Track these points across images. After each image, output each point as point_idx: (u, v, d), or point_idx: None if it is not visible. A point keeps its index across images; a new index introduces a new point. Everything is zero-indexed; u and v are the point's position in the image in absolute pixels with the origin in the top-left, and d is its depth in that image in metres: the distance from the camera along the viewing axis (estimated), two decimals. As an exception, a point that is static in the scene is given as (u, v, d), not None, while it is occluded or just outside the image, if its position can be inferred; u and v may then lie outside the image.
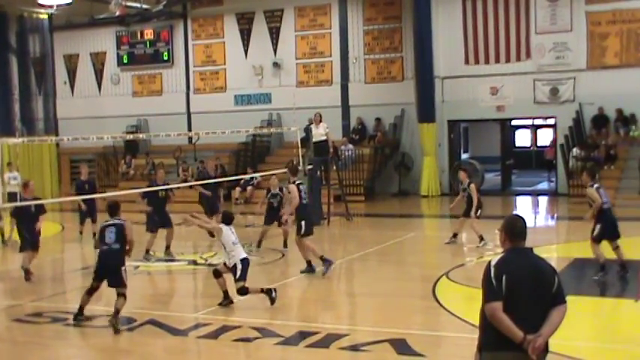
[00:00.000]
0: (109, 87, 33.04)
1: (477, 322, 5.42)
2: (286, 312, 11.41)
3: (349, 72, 28.57)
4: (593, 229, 12.44)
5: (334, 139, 22.39)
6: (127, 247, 10.34)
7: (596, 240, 12.47)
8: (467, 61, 26.82)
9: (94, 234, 17.52)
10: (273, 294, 11.01)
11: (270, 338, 9.45)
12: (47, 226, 20.84)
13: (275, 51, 29.74)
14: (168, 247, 15.77)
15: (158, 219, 15.72)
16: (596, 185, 12.57)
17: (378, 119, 27.82)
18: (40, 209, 14.06)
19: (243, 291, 10.85)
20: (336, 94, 28.59)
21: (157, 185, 16.12)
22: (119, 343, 9.82)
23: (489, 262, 5.29)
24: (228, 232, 10.97)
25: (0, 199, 14.62)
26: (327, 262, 13.33)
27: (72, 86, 33.76)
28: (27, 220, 13.85)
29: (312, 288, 13.22)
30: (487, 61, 26.59)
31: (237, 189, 26.35)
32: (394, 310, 11.00)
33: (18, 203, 14.37)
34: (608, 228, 12.45)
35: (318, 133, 21.08)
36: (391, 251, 16.42)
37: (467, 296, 11.15)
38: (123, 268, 10.24)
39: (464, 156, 30.86)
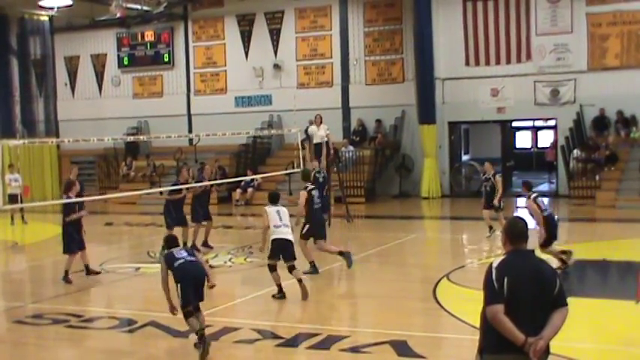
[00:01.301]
0: (109, 89, 33.04)
1: (477, 324, 5.42)
2: (287, 314, 11.41)
3: (350, 73, 28.57)
4: (541, 237, 13.00)
5: (334, 140, 22.40)
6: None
7: (545, 245, 12.96)
8: (467, 63, 26.83)
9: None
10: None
11: (270, 340, 9.45)
12: (48, 228, 20.93)
13: (275, 52, 29.75)
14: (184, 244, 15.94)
15: (176, 217, 15.89)
16: (533, 195, 13.44)
17: (378, 121, 27.82)
18: (82, 207, 14.10)
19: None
20: (337, 95, 28.59)
21: (180, 184, 16.34)
22: (120, 344, 9.82)
23: (490, 264, 5.29)
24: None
25: (0, 201, 14.60)
26: (346, 256, 13.70)
27: (73, 88, 33.75)
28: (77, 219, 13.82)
29: (313, 290, 13.20)
30: (488, 63, 26.59)
31: (238, 190, 26.34)
32: (395, 312, 11.00)
33: (62, 201, 14.38)
34: (552, 232, 13.22)
35: (319, 134, 21.10)
36: (392, 253, 16.42)
37: (468, 298, 11.13)
38: None
39: (464, 157, 30.84)
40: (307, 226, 13.51)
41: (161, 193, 21.72)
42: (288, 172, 23.57)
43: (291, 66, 29.54)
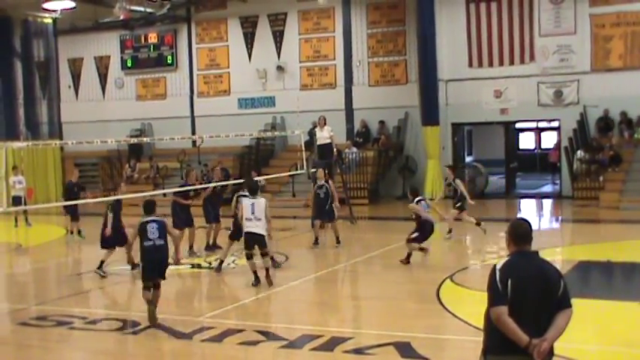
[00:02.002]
0: (113, 91, 33.07)
1: (481, 326, 5.42)
2: (291, 315, 11.41)
3: (353, 75, 28.56)
4: (412, 233, 14.60)
5: (338, 142, 22.39)
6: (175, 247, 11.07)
7: (412, 241, 14.57)
8: (470, 64, 26.83)
9: (72, 232, 19.31)
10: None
11: (274, 342, 9.45)
12: (52, 230, 20.96)
13: (279, 54, 29.76)
14: (191, 247, 16.22)
15: (183, 218, 16.08)
16: (418, 198, 14.74)
17: (381, 122, 27.81)
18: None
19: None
20: (340, 97, 28.59)
21: (189, 186, 16.66)
22: (124, 346, 9.84)
23: (494, 265, 5.28)
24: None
25: (5, 203, 14.63)
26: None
27: (76, 90, 33.80)
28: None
29: (316, 291, 13.23)
30: (491, 64, 26.58)
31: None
32: (399, 314, 10.99)
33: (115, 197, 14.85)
34: (425, 234, 14.64)
35: (323, 136, 21.13)
36: (395, 254, 16.36)
37: (471, 299, 11.14)
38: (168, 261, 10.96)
39: (468, 159, 30.83)
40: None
41: (164, 195, 21.73)
42: (291, 173, 23.57)
43: (295, 68, 29.55)
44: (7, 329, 10.92)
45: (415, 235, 14.57)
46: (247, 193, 13.52)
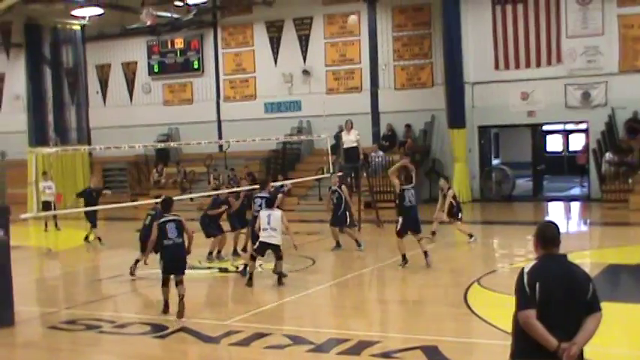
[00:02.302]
0: (140, 96, 33.31)
1: (509, 329, 5.39)
2: (318, 319, 11.42)
3: (379, 78, 28.53)
4: (397, 224, 14.86)
5: (364, 145, 22.38)
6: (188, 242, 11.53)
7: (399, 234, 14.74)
8: (497, 67, 26.69)
9: (87, 238, 19.64)
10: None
11: (301, 345, 9.45)
12: (81, 235, 21.14)
13: (304, 58, 29.81)
14: (219, 252, 16.38)
15: (214, 228, 16.37)
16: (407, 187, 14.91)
17: (408, 125, 27.75)
18: None
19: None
20: (366, 100, 28.57)
21: (220, 201, 16.67)
22: (152, 350, 9.90)
23: (522, 268, 5.25)
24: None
25: (35, 208, 14.80)
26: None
27: (104, 96, 34.09)
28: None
29: (344, 295, 13.23)
30: (517, 66, 26.43)
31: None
32: (426, 317, 10.96)
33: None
34: (409, 223, 14.74)
35: (349, 139, 21.13)
36: (422, 258, 16.34)
37: (499, 303, 11.07)
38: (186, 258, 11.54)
39: (494, 162, 30.67)
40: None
41: (192, 199, 21.94)
42: (317, 177, 23.58)
43: (320, 71, 29.58)
44: (38, 333, 11.03)
45: (399, 225, 14.84)
46: (264, 194, 14.39)
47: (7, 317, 10.94)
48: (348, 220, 17.20)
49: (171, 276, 11.24)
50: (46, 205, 21.80)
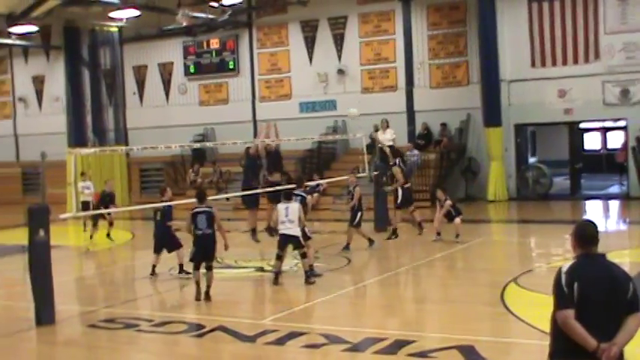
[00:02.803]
0: (176, 96, 33.58)
1: (547, 329, 5.35)
2: (354, 318, 11.43)
3: (414, 77, 28.45)
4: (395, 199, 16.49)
5: (399, 144, 22.33)
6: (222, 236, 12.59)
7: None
8: (533, 64, 26.45)
9: (108, 234, 20.52)
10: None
11: (337, 344, 9.46)
12: (119, 234, 21.39)
13: (339, 57, 29.82)
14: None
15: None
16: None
17: (443, 124, 27.63)
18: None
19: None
20: (401, 99, 28.50)
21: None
22: (189, 349, 9.98)
23: (560, 268, 5.21)
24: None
25: (74, 208, 14.99)
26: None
27: (141, 97, 34.43)
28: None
29: (380, 294, 13.22)
30: (554, 64, 26.17)
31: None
32: (462, 317, 10.91)
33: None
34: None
35: (385, 138, 21.10)
36: (458, 257, 16.30)
37: (536, 302, 10.98)
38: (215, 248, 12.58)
39: (531, 160, 30.39)
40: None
41: (227, 199, 22.06)
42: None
43: (355, 71, 29.57)
44: (77, 331, 11.18)
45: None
46: (301, 193, 14.71)
47: (48, 316, 11.11)
48: (357, 220, 16.99)
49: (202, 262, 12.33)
50: (85, 206, 22.06)
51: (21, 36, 32.22)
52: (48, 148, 12.23)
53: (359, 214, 16.74)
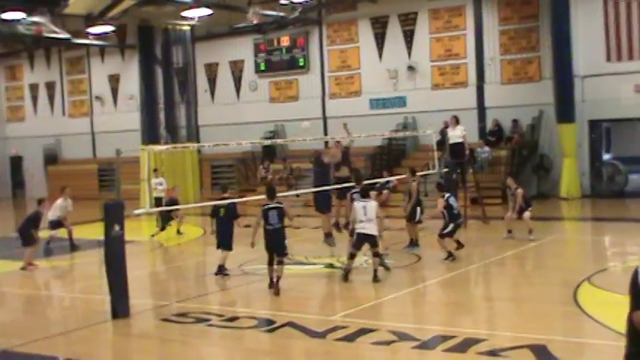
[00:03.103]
0: (247, 94, 33.92)
1: (622, 330, 5.24)
2: (424, 316, 11.40)
3: (485, 73, 28.13)
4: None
5: (470, 141, 22.13)
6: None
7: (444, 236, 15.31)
8: (608, 58, 25.87)
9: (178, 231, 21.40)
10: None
11: (407, 342, 9.45)
12: (191, 230, 21.75)
13: (409, 54, 29.69)
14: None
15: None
16: (447, 195, 15.57)
17: (514, 120, 27.26)
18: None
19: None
20: (472, 95, 28.23)
21: None
22: (259, 344, 10.09)
23: (637, 267, 5.08)
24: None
25: (148, 204, 15.30)
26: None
27: (212, 94, 34.89)
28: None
29: (450, 292, 13.14)
30: (631, 58, 25.54)
31: (373, 192, 26.35)
32: (533, 315, 10.76)
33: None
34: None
35: (455, 135, 20.93)
36: (530, 255, 16.08)
37: (611, 302, 10.76)
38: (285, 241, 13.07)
39: (606, 156, 29.74)
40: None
41: (298, 195, 22.21)
42: (423, 173, 23.41)
43: (426, 67, 29.39)
44: (151, 324, 11.43)
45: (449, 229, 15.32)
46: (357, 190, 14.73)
47: (124, 309, 11.40)
48: (418, 215, 16.89)
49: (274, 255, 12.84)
50: (158, 202, 22.49)
51: (98, 36, 33.03)
52: (123, 145, 12.53)
53: (417, 209, 16.69)
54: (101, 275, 12.31)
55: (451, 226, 15.41)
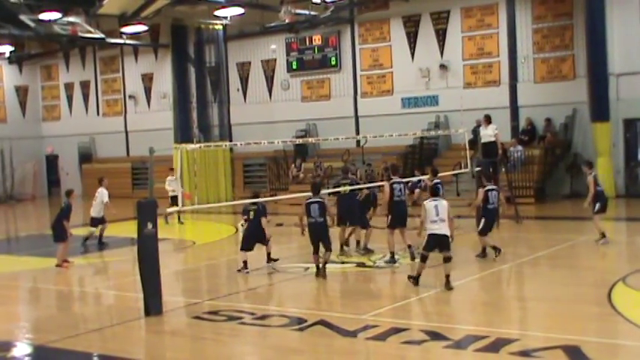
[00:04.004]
0: (279, 93, 34.01)
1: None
2: (455, 315, 11.35)
3: (518, 72, 27.92)
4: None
5: (503, 140, 22.00)
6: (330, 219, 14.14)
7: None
8: (645, 57, 25.55)
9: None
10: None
11: (438, 341, 9.43)
12: (222, 228, 21.85)
13: (442, 52, 29.57)
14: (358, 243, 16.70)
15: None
16: (487, 187, 15.29)
17: (548, 119, 27.04)
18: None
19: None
20: (505, 94, 28.03)
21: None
22: (291, 342, 10.12)
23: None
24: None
25: (180, 203, 15.38)
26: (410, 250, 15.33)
27: (244, 93, 35.03)
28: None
29: (482, 292, 13.08)
30: (667, 56, 25.20)
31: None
32: (567, 316, 10.67)
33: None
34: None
35: (487, 134, 20.83)
36: (563, 255, 15.94)
37: (646, 303, 10.66)
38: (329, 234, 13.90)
39: (642, 156, 29.36)
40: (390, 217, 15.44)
41: (329, 194, 22.17)
42: (455, 172, 23.35)
43: (458, 66, 29.26)
44: (183, 322, 11.51)
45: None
46: (399, 179, 15.73)
47: (156, 306, 11.50)
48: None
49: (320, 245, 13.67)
50: (173, 201, 22.62)
51: (131, 36, 33.33)
52: (156, 144, 12.61)
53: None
54: (134, 273, 12.42)
55: (483, 221, 15.18)
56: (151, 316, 11.38)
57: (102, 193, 20.13)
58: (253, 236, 15.11)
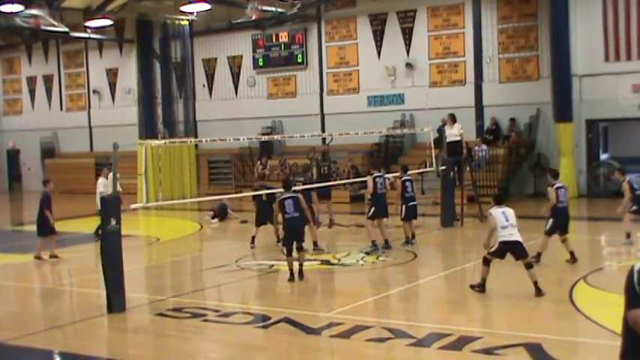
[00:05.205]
0: (245, 89, 33.89)
1: (617, 329, 5.25)
2: (419, 313, 11.40)
3: (483, 71, 28.11)
4: (547, 224, 14.41)
5: (468, 139, 22.14)
6: (305, 215, 13.76)
7: (548, 233, 14.35)
8: (607, 58, 25.87)
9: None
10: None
11: (402, 339, 9.46)
12: (187, 225, 21.72)
13: (408, 51, 29.68)
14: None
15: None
16: (557, 185, 14.65)
17: (512, 119, 27.27)
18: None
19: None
20: (470, 94, 28.21)
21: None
22: (254, 339, 10.09)
23: (632, 267, 5.08)
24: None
25: (144, 199, 15.25)
26: (387, 245, 16.05)
27: (210, 89, 34.87)
28: None
29: (445, 289, 13.15)
30: (629, 58, 25.55)
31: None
32: (529, 314, 10.78)
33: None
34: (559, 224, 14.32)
35: (452, 133, 20.92)
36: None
37: (606, 301, 10.78)
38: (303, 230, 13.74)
39: (603, 156, 29.76)
40: (373, 208, 16.06)
41: (295, 192, 22.13)
42: (420, 171, 23.46)
43: (424, 65, 29.39)
44: (147, 319, 11.42)
45: (549, 225, 14.38)
46: (381, 174, 16.24)
47: (120, 303, 11.40)
48: (403, 213, 17.07)
49: (294, 244, 13.23)
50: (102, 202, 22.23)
51: (96, 30, 32.96)
52: (120, 140, 12.48)
53: (403, 207, 16.93)
54: (98, 269, 12.30)
55: (551, 221, 14.52)
56: (113, 313, 11.28)
57: (103, 183, 19.47)
58: (264, 214, 16.45)
